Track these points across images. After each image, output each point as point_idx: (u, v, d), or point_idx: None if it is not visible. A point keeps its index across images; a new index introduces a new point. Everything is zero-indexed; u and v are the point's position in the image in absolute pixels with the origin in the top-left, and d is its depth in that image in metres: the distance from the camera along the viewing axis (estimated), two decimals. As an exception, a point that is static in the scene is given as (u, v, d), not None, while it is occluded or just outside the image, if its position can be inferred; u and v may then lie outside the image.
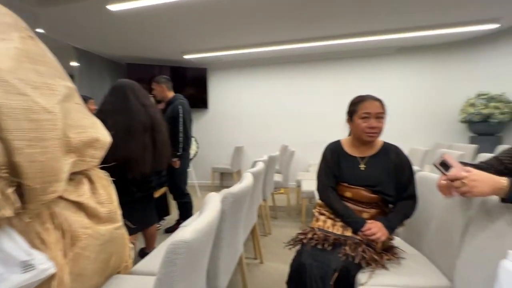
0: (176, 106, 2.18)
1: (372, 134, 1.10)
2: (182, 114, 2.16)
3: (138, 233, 1.44)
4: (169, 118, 2.20)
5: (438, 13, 2.65)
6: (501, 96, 3.02)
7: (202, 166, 4.47)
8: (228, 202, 0.94)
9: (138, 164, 1.20)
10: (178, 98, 2.26)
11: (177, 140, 2.13)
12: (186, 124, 2.17)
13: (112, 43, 3.44)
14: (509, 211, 0.76)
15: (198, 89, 4.37)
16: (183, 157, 2.19)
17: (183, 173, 2.29)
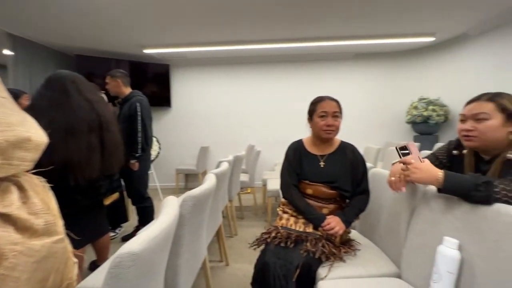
0: (133, 104, 2.01)
1: (329, 131, 1.17)
2: (140, 112, 2.00)
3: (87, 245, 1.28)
4: (125, 116, 2.02)
5: (387, 24, 2.93)
6: (437, 100, 3.46)
7: (165, 167, 4.24)
8: (188, 206, 0.89)
9: (82, 168, 1.04)
10: (136, 95, 2.09)
11: (135, 141, 1.97)
12: (145, 123, 2.01)
13: (58, 32, 3.04)
14: (444, 200, 0.86)
15: (161, 86, 4.13)
16: (142, 159, 2.03)
17: (142, 176, 2.13)
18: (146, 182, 2.19)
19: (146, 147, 2.02)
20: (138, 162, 2.00)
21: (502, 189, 0.71)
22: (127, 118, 2.01)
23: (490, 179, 0.74)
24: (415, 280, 0.90)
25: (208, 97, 4.24)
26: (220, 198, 1.68)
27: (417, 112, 3.48)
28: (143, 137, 1.99)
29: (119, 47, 3.61)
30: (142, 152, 1.99)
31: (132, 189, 2.12)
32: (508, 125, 0.81)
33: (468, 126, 0.85)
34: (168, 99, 4.17)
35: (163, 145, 4.09)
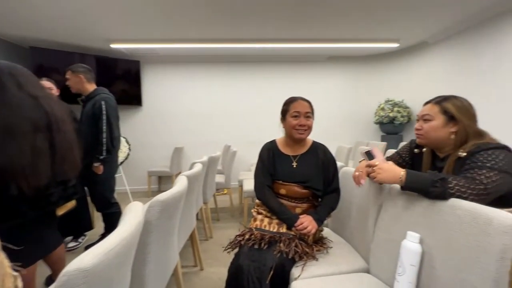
0: (98, 102, 1.85)
1: (301, 131, 1.19)
2: (106, 111, 1.84)
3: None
4: (88, 115, 1.86)
5: (357, 30, 3.07)
6: (401, 102, 3.72)
7: (137, 170, 4.02)
8: (155, 212, 0.84)
9: (26, 175, 0.89)
10: (101, 92, 1.93)
11: (100, 142, 1.82)
12: (111, 123, 1.86)
13: (10, 20, 2.71)
14: (406, 197, 0.91)
15: (131, 84, 3.89)
16: (108, 161, 1.88)
17: (108, 180, 1.97)
18: (112, 186, 2.04)
19: (112, 148, 1.88)
20: (103, 165, 1.85)
21: (455, 185, 0.77)
22: (91, 117, 1.85)
23: (445, 176, 0.80)
24: (382, 274, 0.94)
25: (181, 96, 4.10)
26: (194, 201, 1.63)
27: (384, 113, 3.70)
28: (109, 138, 1.85)
29: (83, 41, 3.33)
30: (107, 154, 1.85)
31: (96, 194, 1.96)
32: (449, 126, 0.92)
33: (418, 126, 0.98)
34: (138, 97, 3.96)
35: (134, 146, 3.87)
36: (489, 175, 0.78)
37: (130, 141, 3.66)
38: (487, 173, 0.79)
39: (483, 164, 0.80)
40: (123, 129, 3.83)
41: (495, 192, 0.78)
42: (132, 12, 2.56)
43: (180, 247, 1.31)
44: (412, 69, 3.78)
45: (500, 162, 0.80)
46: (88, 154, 1.85)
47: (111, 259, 0.49)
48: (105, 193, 1.96)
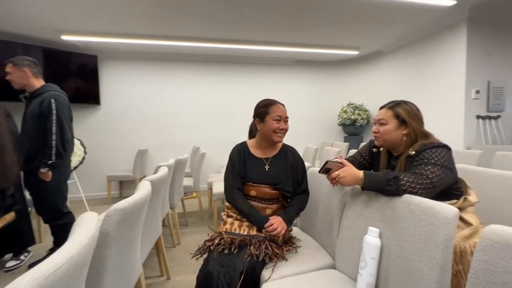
0: (46, 100, 1.64)
1: (281, 135, 1.22)
2: (56, 111, 1.63)
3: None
4: (34, 114, 1.64)
5: (322, 36, 3.24)
6: (362, 106, 4.02)
7: (95, 175, 3.68)
8: (113, 222, 0.77)
9: None
10: (50, 89, 1.71)
11: (49, 145, 1.61)
12: (62, 124, 1.65)
13: None
14: (367, 195, 0.97)
15: (86, 80, 3.55)
16: (58, 167, 1.67)
17: (59, 187, 1.75)
18: (64, 194, 1.82)
19: (63, 152, 1.67)
20: (52, 170, 1.65)
21: (406, 181, 0.85)
22: (37, 116, 1.63)
23: (397, 174, 0.87)
24: (347, 269, 0.99)
25: (146, 95, 3.86)
26: (159, 207, 1.53)
27: (346, 116, 3.96)
28: (59, 140, 1.64)
29: (28, 30, 2.94)
30: (58, 159, 1.64)
31: (44, 203, 1.73)
32: (401, 128, 1.03)
33: (375, 129, 1.09)
34: (96, 95, 3.62)
35: (91, 148, 3.54)
36: (434, 170, 0.88)
37: (87, 143, 3.32)
38: (432, 168, 0.88)
39: (428, 161, 0.90)
40: (79, 130, 3.50)
41: (439, 186, 0.88)
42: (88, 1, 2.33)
43: (143, 257, 1.22)
44: (369, 75, 4.10)
45: (441, 158, 0.91)
46: (33, 158, 1.64)
47: (55, 281, 0.43)
48: (56, 202, 1.75)
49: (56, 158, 1.63)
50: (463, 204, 0.99)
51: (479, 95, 2.74)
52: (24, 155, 1.62)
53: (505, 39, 2.77)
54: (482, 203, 1.04)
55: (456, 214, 0.68)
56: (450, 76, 2.86)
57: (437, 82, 3.03)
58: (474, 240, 0.92)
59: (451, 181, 0.94)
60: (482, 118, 2.77)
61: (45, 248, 1.93)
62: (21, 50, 3.01)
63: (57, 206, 1.75)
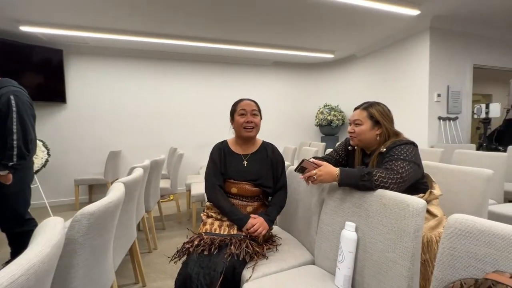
0: (4, 96, 1.48)
1: (249, 129, 1.21)
2: (16, 108, 1.48)
3: None
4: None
5: (299, 39, 3.32)
6: (337, 107, 4.18)
7: (60, 179, 3.40)
8: (81, 227, 0.71)
9: None
10: (8, 85, 1.54)
11: (10, 145, 1.46)
12: (24, 122, 1.50)
13: None
14: (343, 191, 1.01)
15: (50, 77, 3.26)
16: (20, 169, 1.52)
17: (21, 192, 1.59)
18: (28, 199, 1.65)
19: (25, 153, 1.52)
20: (13, 173, 1.49)
21: (379, 177, 0.90)
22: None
23: (370, 169, 0.92)
24: (325, 264, 1.01)
25: (118, 94, 3.65)
26: (134, 210, 1.45)
27: (323, 117, 4.09)
28: (21, 139, 1.49)
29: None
30: (20, 160, 1.49)
31: (4, 209, 1.55)
32: (375, 129, 1.10)
33: (350, 129, 1.14)
34: (62, 93, 3.34)
35: (56, 150, 3.27)
36: (403, 165, 0.94)
37: (51, 144, 3.07)
38: (401, 163, 0.94)
39: (398, 156, 0.96)
40: (42, 130, 3.22)
41: (408, 180, 0.94)
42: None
43: (116, 264, 1.15)
44: (344, 78, 4.29)
45: (409, 154, 0.97)
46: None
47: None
48: (18, 207, 1.58)
49: (18, 159, 1.48)
50: (429, 197, 1.06)
51: (440, 98, 2.99)
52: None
53: (462, 47, 3.05)
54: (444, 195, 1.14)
55: (424, 206, 0.73)
56: (415, 80, 3.09)
57: (403, 85, 3.25)
58: (438, 230, 1.00)
59: (418, 175, 1.01)
60: (443, 119, 3.02)
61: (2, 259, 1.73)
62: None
63: (19, 212, 1.59)
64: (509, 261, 0.50)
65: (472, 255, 0.55)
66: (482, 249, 0.54)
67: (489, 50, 3.17)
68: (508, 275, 0.46)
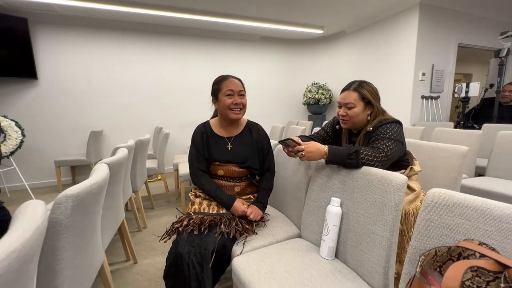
0: None
1: (237, 111, 1.16)
2: None
3: None
4: None
5: (288, 12, 3.16)
6: (325, 85, 4.16)
7: (39, 160, 3.25)
8: (65, 209, 0.69)
9: None
10: None
11: None
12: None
13: None
14: (330, 169, 1.03)
15: (16, 49, 2.96)
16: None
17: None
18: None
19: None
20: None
21: (365, 155, 0.92)
22: None
23: (358, 148, 0.94)
24: (311, 237, 1.07)
25: (96, 69, 3.40)
26: (120, 191, 1.43)
27: (311, 95, 4.07)
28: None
29: None
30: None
31: None
32: (367, 109, 1.09)
33: (342, 112, 1.11)
34: (30, 68, 3.06)
35: (32, 130, 3.10)
36: (388, 144, 0.96)
37: (25, 124, 2.87)
38: (386, 142, 0.97)
39: (383, 135, 0.99)
40: (13, 109, 2.99)
41: (392, 158, 0.98)
42: None
43: (105, 244, 1.15)
44: (333, 55, 4.22)
45: (395, 133, 1.00)
46: None
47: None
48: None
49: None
50: (409, 173, 1.12)
51: (425, 77, 3.04)
52: None
53: (449, 25, 3.06)
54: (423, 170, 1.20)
55: (405, 181, 0.76)
56: (402, 58, 3.10)
57: (391, 63, 3.26)
58: (416, 203, 1.07)
59: (401, 153, 1.05)
60: (425, 98, 3.11)
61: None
62: None
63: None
64: (479, 230, 0.54)
65: (446, 226, 0.59)
66: (456, 219, 0.58)
67: (473, 29, 3.21)
68: (477, 242, 0.50)
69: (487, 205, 0.54)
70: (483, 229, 0.54)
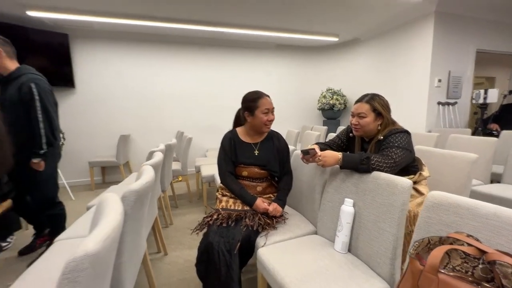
0: (25, 84, 1.53)
1: (269, 125, 1.37)
2: (39, 97, 1.54)
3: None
4: (13, 101, 1.53)
5: (303, 22, 3.31)
6: (339, 91, 4.24)
7: (75, 161, 3.58)
8: (130, 202, 0.87)
9: None
10: (27, 72, 1.59)
11: (37, 134, 1.54)
12: (47, 111, 1.58)
13: None
14: (344, 173, 1.16)
15: (58, 61, 3.32)
16: (49, 155, 1.61)
17: (51, 176, 1.72)
18: (57, 183, 1.80)
19: (53, 140, 1.63)
20: (45, 160, 1.59)
21: (376, 161, 1.04)
22: (17, 104, 1.53)
23: (369, 155, 1.07)
24: (326, 233, 1.20)
25: (124, 78, 3.71)
26: (156, 190, 1.63)
27: (325, 101, 4.17)
28: (48, 128, 1.58)
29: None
30: (49, 147, 1.60)
31: (38, 194, 1.69)
32: (377, 120, 1.22)
33: (355, 121, 1.24)
34: (70, 78, 3.42)
35: (70, 134, 3.43)
36: (397, 152, 1.08)
37: (64, 128, 3.20)
38: (395, 150, 1.08)
39: (393, 144, 1.11)
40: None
41: (401, 164, 1.09)
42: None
43: (146, 235, 1.34)
44: (347, 62, 4.30)
45: (403, 142, 1.11)
46: (21, 148, 1.59)
47: (108, 245, 0.54)
48: (48, 192, 1.72)
49: (48, 147, 1.59)
50: (418, 178, 1.22)
51: (441, 84, 3.06)
52: None
53: (466, 32, 3.07)
54: (433, 176, 1.29)
55: (409, 185, 0.88)
56: (418, 64, 3.14)
57: (406, 70, 3.30)
58: (424, 206, 1.17)
59: (410, 160, 1.16)
60: (442, 104, 3.12)
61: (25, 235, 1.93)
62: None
63: (50, 196, 1.74)
64: (469, 226, 0.66)
65: (442, 222, 0.70)
66: (450, 217, 0.69)
67: (493, 35, 3.19)
68: (465, 234, 0.62)
69: (476, 205, 0.66)
70: (472, 225, 0.65)
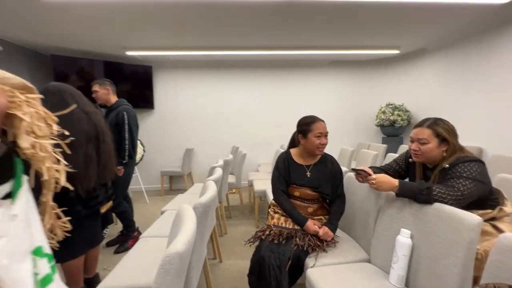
0: (120, 112, 2.10)
1: (322, 149, 1.41)
2: (128, 121, 2.11)
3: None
4: (112, 124, 2.09)
5: (359, 37, 3.25)
6: (402, 106, 3.90)
7: (150, 170, 4.24)
8: (199, 212, 1.05)
9: (81, 179, 1.11)
10: (122, 104, 2.19)
11: (123, 148, 2.08)
12: (132, 131, 2.13)
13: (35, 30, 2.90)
14: (401, 202, 1.11)
15: (143, 88, 4.10)
16: (128, 165, 2.15)
17: (125, 182, 2.23)
18: (127, 188, 2.31)
19: (132, 154, 2.15)
20: (124, 168, 2.11)
21: (438, 192, 0.98)
22: (114, 126, 2.08)
23: (430, 185, 1.00)
24: (380, 263, 1.15)
25: (191, 99, 4.30)
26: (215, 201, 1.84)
27: (385, 117, 3.89)
28: (130, 144, 2.12)
29: (99, 47, 3.52)
30: (129, 159, 2.12)
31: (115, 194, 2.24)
32: (442, 146, 1.12)
33: (415, 147, 1.15)
34: (151, 100, 4.16)
35: (148, 147, 4.09)
36: (465, 183, 0.98)
37: (144, 143, 3.88)
38: (463, 181, 0.99)
39: (460, 174, 1.01)
40: (137, 131, 4.08)
41: (469, 197, 0.99)
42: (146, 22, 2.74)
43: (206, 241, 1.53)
44: (411, 75, 3.95)
45: (474, 172, 1.00)
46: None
47: (190, 246, 0.71)
48: (123, 192, 2.24)
49: (128, 158, 2.11)
50: (498, 214, 1.07)
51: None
52: None
53: None
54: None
55: (479, 222, 0.80)
56: (500, 77, 2.68)
57: (485, 83, 2.85)
58: (505, 247, 1.01)
59: (482, 192, 1.03)
60: (541, 121, 2.55)
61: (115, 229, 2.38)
62: (87, 64, 3.60)
63: (123, 195, 2.24)
64: (553, 277, 0.58)
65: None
66: (528, 264, 0.62)
67: None
68: (545, 287, 0.55)
69: (562, 254, 0.58)
70: (556, 277, 0.57)
